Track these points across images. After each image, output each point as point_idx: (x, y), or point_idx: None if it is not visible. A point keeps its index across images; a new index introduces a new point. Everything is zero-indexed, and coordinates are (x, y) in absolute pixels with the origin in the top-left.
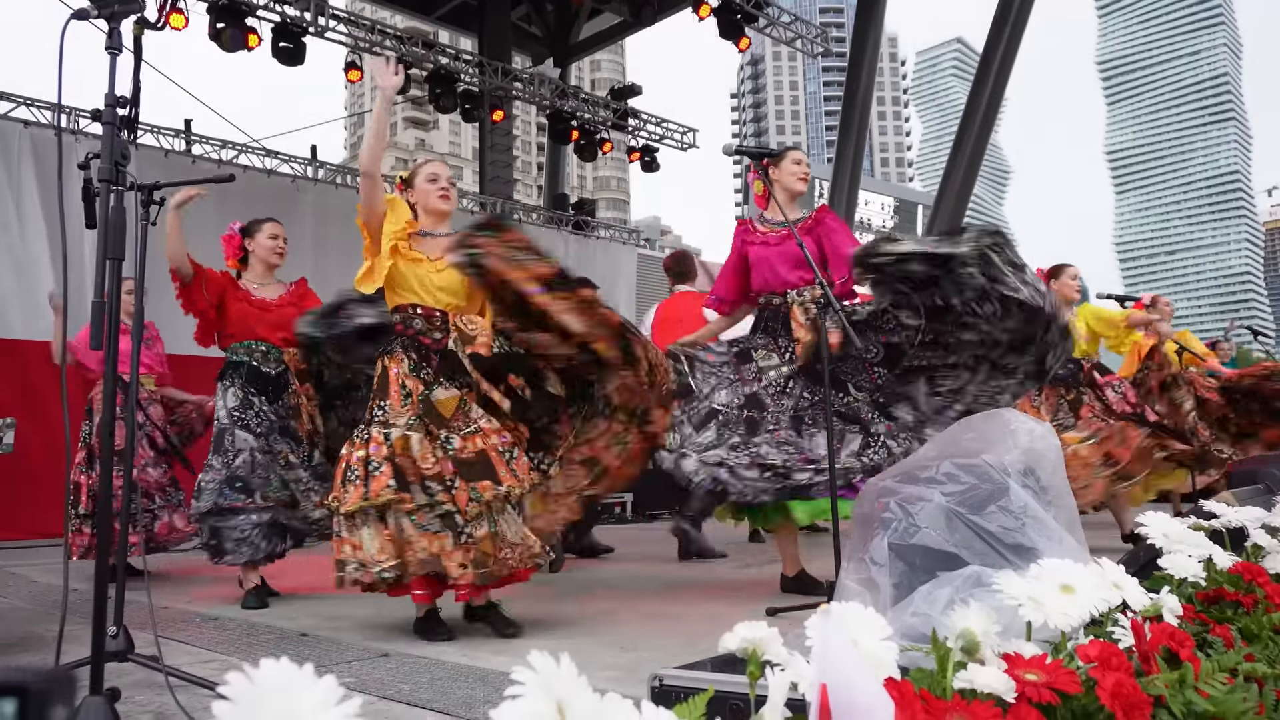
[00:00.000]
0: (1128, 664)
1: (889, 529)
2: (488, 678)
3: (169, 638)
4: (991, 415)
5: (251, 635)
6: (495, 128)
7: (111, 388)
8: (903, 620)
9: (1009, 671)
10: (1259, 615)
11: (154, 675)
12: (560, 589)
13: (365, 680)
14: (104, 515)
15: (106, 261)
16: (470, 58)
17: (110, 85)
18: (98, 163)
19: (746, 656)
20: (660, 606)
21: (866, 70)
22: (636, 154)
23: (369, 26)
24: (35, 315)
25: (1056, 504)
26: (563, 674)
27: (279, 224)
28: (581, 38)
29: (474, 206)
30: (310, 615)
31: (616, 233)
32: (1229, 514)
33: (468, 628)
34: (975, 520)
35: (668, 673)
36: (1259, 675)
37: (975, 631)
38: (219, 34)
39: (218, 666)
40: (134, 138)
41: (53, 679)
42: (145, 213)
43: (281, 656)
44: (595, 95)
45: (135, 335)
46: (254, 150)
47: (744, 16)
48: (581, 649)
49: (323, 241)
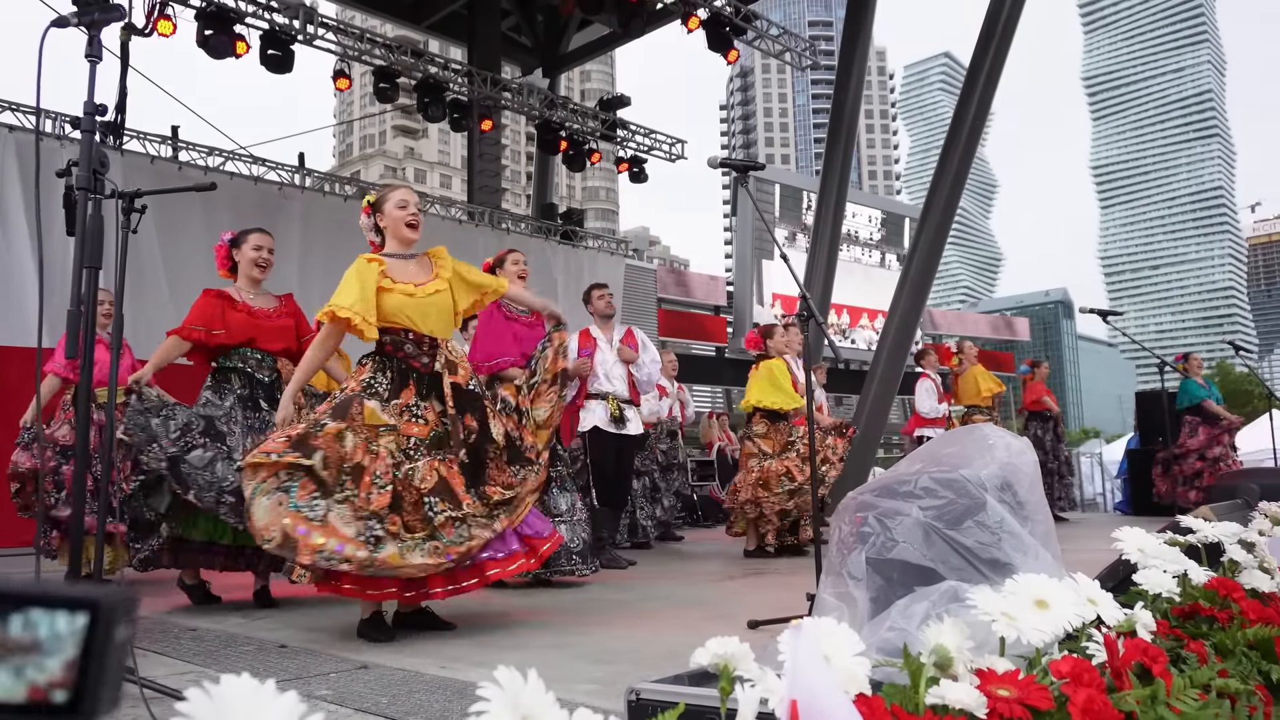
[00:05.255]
0: (1100, 680)
1: (867, 543)
2: (466, 690)
3: (145, 649)
4: (970, 430)
5: (230, 646)
6: (484, 137)
7: (86, 395)
8: (879, 635)
9: (981, 687)
10: (1233, 631)
11: (128, 687)
12: (543, 602)
13: (343, 692)
14: (76, 523)
15: (84, 270)
16: (459, 67)
17: (90, 93)
18: (79, 170)
19: (718, 671)
20: (642, 619)
21: (854, 83)
22: (625, 165)
23: (358, 35)
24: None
25: (1033, 519)
26: (530, 690)
27: (266, 234)
28: (571, 48)
29: (462, 215)
30: (289, 626)
31: (605, 243)
32: (1205, 529)
33: (448, 640)
34: (952, 535)
35: (645, 686)
36: (1232, 691)
37: (949, 647)
38: (207, 41)
39: (194, 678)
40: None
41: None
42: (126, 220)
43: (259, 668)
44: (584, 106)
45: (115, 342)
46: (241, 157)
47: (733, 29)
48: (561, 662)
49: (310, 248)
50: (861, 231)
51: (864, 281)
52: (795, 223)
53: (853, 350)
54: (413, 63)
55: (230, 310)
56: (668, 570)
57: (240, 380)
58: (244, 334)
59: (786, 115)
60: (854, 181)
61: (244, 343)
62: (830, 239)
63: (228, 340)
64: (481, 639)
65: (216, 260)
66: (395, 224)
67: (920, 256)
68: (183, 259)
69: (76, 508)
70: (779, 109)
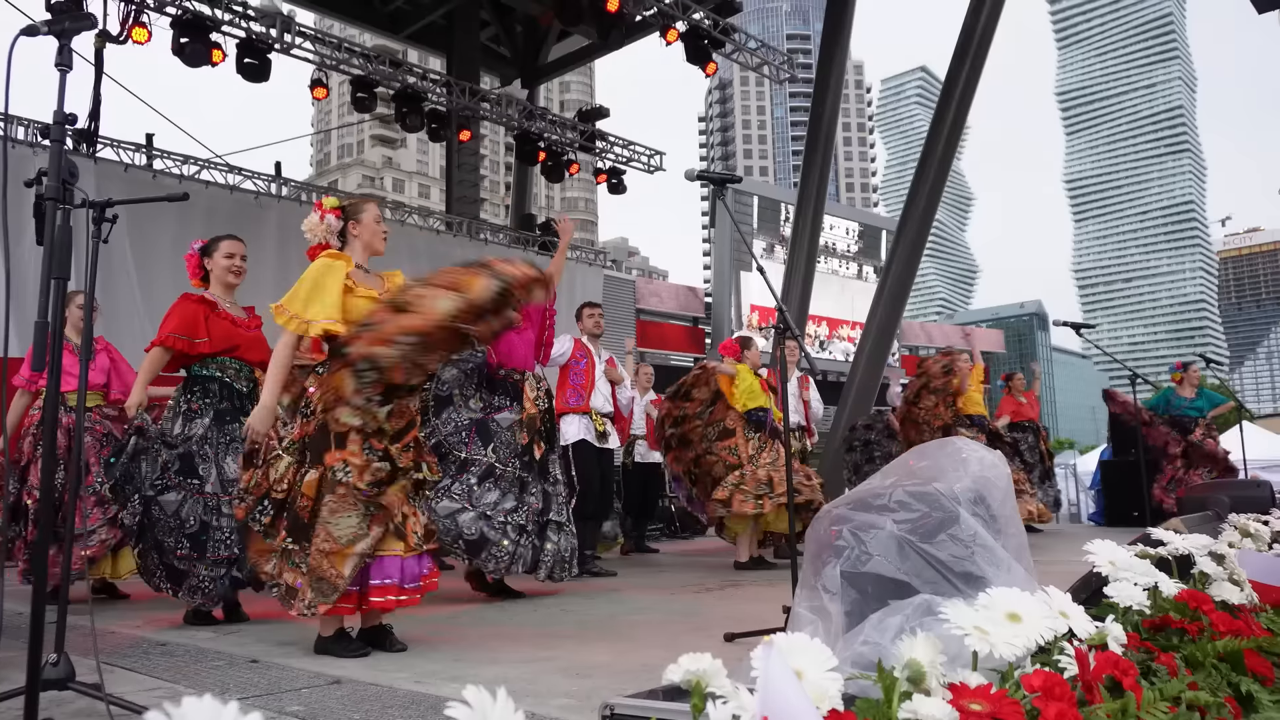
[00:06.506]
0: (1071, 693)
1: (841, 557)
2: (439, 705)
3: (113, 664)
4: (944, 443)
5: (200, 661)
6: (462, 147)
7: (53, 410)
8: (853, 649)
9: (954, 702)
10: (1203, 643)
11: (95, 704)
12: (519, 614)
13: (315, 708)
14: (43, 537)
15: (52, 280)
16: (438, 77)
17: (59, 102)
18: (48, 180)
19: (691, 688)
20: (619, 631)
21: (832, 96)
22: (604, 176)
23: (336, 44)
24: None
25: (1006, 532)
26: (499, 709)
27: (238, 241)
28: (550, 59)
29: (440, 226)
30: (261, 641)
31: (584, 253)
32: (1176, 541)
33: (421, 655)
34: (926, 548)
35: (619, 701)
36: (1202, 704)
37: (922, 661)
38: (182, 49)
39: (163, 694)
40: (94, 151)
41: None
42: (97, 230)
43: (229, 684)
44: (563, 117)
45: (84, 352)
46: (217, 166)
47: (711, 42)
48: (536, 675)
49: (286, 258)
50: (839, 243)
51: (841, 293)
52: (773, 234)
53: (830, 361)
54: (391, 72)
55: (213, 318)
56: (645, 582)
57: (218, 390)
58: (227, 343)
59: (765, 128)
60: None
61: (224, 351)
62: (808, 251)
63: (208, 349)
64: (456, 652)
65: (188, 270)
66: (373, 236)
67: (897, 268)
68: (156, 269)
69: (44, 524)
70: (757, 121)
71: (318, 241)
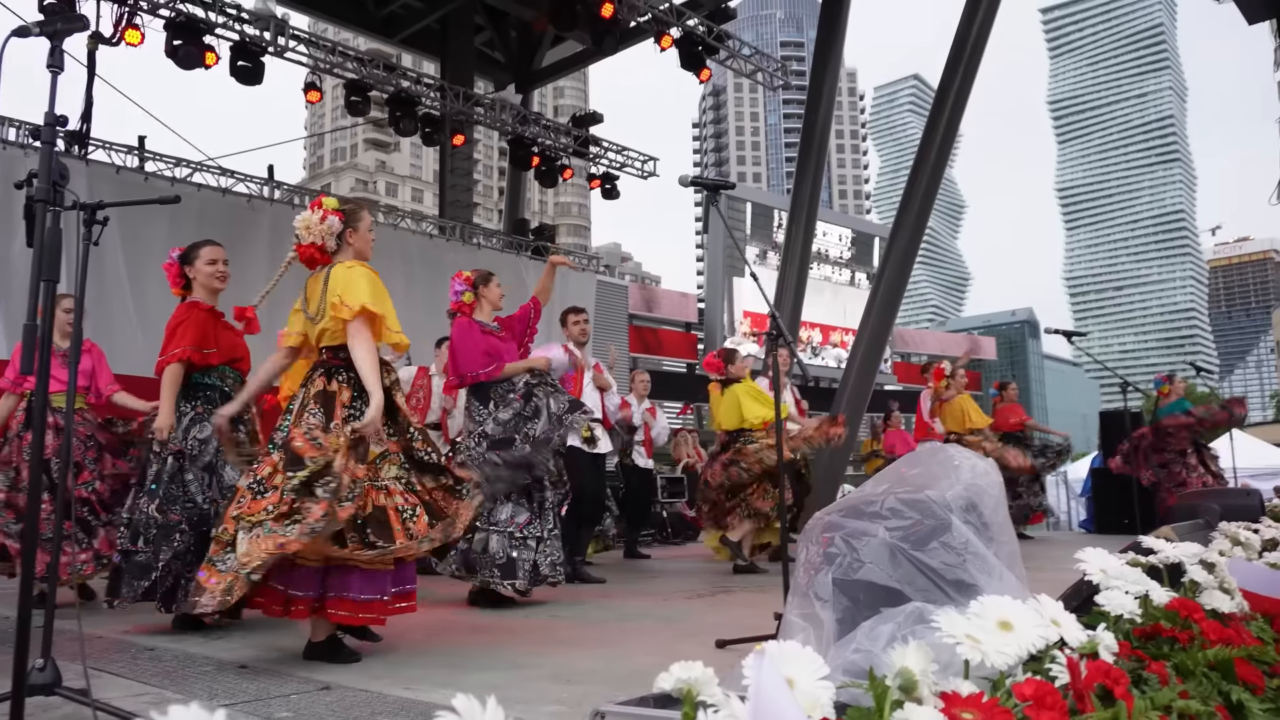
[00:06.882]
0: (1062, 702)
1: (833, 564)
2: (429, 712)
3: (100, 669)
4: (936, 450)
5: (189, 666)
6: (456, 152)
7: (41, 413)
8: (845, 656)
9: (945, 710)
10: (1194, 652)
11: (82, 710)
12: (510, 621)
13: (304, 714)
14: (29, 541)
15: (41, 283)
16: (432, 81)
17: (50, 104)
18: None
19: (682, 696)
20: (610, 637)
21: (825, 104)
22: (597, 181)
23: (330, 48)
24: None
25: (998, 540)
26: (489, 716)
27: (218, 246)
28: (544, 65)
29: (434, 230)
30: (250, 646)
31: (576, 259)
32: (1167, 549)
33: (410, 661)
34: (918, 556)
35: (609, 708)
36: (1192, 712)
37: (913, 669)
38: (176, 51)
39: (150, 700)
40: (85, 153)
41: None
42: (88, 232)
43: (218, 690)
44: (557, 122)
45: (73, 356)
46: (209, 169)
47: (705, 48)
48: (526, 682)
49: (278, 262)
50: (832, 250)
51: (834, 299)
52: (766, 241)
53: (822, 368)
54: (385, 76)
55: (220, 328)
56: (637, 588)
57: (218, 400)
58: (232, 353)
59: (758, 134)
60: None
61: (229, 361)
62: (801, 257)
63: (217, 360)
64: (447, 658)
65: (169, 279)
66: (366, 246)
67: (889, 275)
68: (147, 272)
69: (29, 524)
70: (751, 128)
71: (313, 241)
